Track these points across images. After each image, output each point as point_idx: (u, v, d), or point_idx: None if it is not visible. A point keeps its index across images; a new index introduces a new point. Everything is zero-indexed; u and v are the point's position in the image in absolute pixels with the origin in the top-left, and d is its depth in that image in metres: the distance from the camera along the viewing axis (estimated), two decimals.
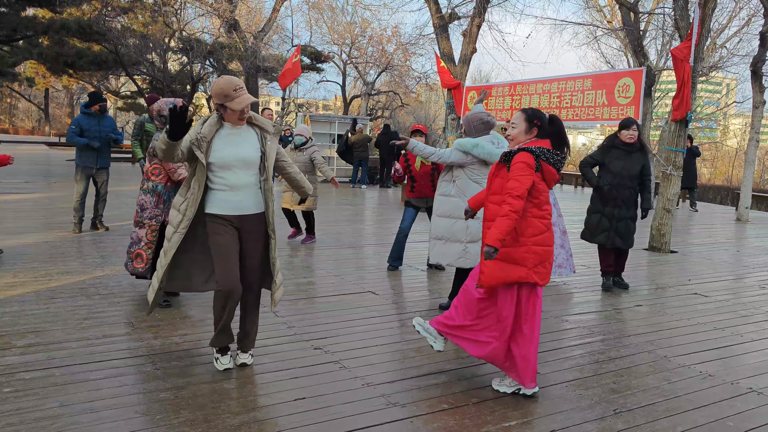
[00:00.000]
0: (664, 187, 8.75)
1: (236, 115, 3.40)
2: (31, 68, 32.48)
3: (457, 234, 4.72)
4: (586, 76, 9.63)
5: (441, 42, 13.90)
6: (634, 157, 5.91)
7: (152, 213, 4.76)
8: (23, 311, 4.47)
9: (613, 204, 5.95)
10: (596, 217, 6.07)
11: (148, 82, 25.10)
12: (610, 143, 6.02)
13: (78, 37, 20.20)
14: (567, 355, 4.16)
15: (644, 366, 4.03)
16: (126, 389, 3.27)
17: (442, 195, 4.81)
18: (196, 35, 25.12)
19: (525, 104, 10.82)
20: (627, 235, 5.99)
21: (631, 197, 5.95)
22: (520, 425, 3.09)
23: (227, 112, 3.40)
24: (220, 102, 3.38)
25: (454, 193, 4.73)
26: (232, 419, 3.00)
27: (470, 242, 4.69)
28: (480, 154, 4.59)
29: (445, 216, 4.77)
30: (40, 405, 3.04)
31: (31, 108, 52.31)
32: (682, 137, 8.56)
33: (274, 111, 13.93)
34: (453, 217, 4.73)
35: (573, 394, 3.51)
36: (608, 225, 5.99)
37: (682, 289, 6.36)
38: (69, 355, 3.68)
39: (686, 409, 3.37)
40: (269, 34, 26.98)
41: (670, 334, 4.76)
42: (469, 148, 4.60)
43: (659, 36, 19.98)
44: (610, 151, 5.98)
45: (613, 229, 5.97)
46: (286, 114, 33.91)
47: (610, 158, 5.95)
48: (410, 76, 30.98)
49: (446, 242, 4.78)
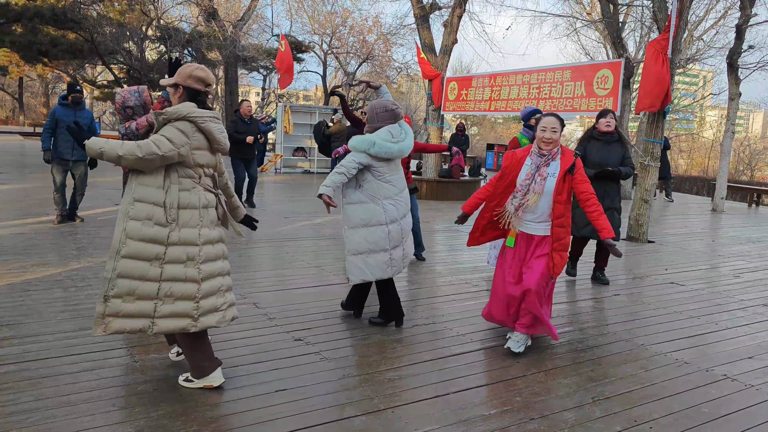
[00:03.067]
0: (641, 177, 8.85)
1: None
2: (3, 56, 31.77)
3: (379, 242, 4.15)
4: (565, 67, 9.69)
5: (422, 32, 13.87)
6: (613, 147, 5.92)
7: None
8: None
9: (597, 195, 5.91)
10: (580, 211, 5.92)
11: (125, 72, 24.70)
12: (589, 134, 6.07)
13: (52, 24, 19.81)
14: (546, 345, 4.20)
15: (622, 354, 4.08)
16: (104, 382, 3.23)
17: (350, 204, 4.19)
18: (174, 24, 24.77)
19: (504, 95, 10.87)
20: (612, 226, 5.93)
21: (613, 188, 5.92)
22: (499, 414, 3.12)
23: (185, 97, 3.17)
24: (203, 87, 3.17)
25: (365, 198, 4.15)
26: (211, 411, 2.98)
27: (393, 248, 4.21)
28: (378, 153, 4.07)
29: (361, 226, 4.16)
30: (15, 399, 2.99)
31: (4, 97, 51.17)
32: (660, 128, 8.65)
33: (253, 101, 13.79)
34: (371, 225, 4.15)
35: (552, 382, 3.55)
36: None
37: (658, 278, 6.45)
38: (45, 348, 3.63)
39: (662, 396, 3.43)
40: (249, 23, 26.69)
41: (647, 322, 4.83)
42: (366, 148, 4.07)
43: (638, 28, 20.14)
44: (590, 143, 6.02)
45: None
46: (266, 105, 33.65)
47: (590, 150, 5.97)
48: (391, 66, 30.91)
49: (368, 255, 4.18)
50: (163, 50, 24.58)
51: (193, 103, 3.14)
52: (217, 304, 3.12)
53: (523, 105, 10.29)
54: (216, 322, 3.11)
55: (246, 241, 7.19)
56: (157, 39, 24.36)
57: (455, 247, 7.63)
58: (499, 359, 3.88)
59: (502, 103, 10.89)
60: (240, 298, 4.87)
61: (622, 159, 5.93)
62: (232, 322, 3.68)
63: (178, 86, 3.16)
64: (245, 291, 5.07)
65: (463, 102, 12.42)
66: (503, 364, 3.79)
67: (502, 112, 11.06)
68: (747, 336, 4.60)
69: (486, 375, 3.62)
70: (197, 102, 3.17)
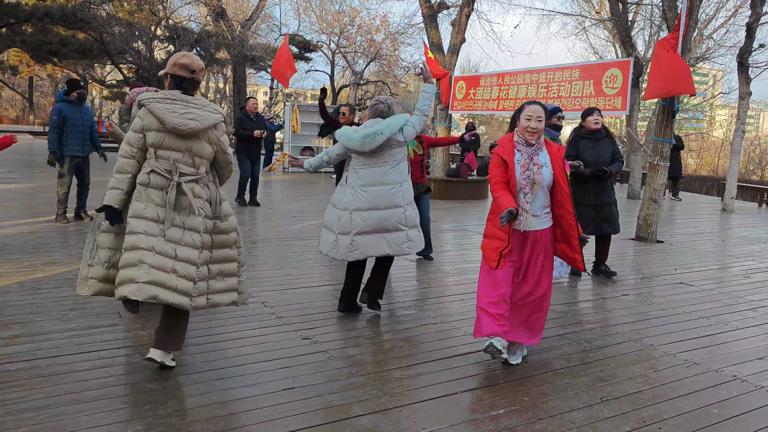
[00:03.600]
0: (650, 177, 8.80)
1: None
2: (14, 56, 32.03)
3: (332, 222, 4.44)
4: (573, 66, 9.65)
5: (430, 31, 13.85)
6: (603, 143, 5.99)
7: None
8: (7, 302, 4.43)
9: (594, 192, 6.01)
10: (579, 210, 5.99)
11: (134, 71, 24.82)
12: (577, 135, 6.11)
13: (62, 24, 19.93)
14: (554, 345, 4.19)
15: (631, 354, 4.06)
16: (113, 380, 3.25)
17: (339, 184, 4.59)
18: (182, 23, 24.86)
19: (512, 94, 10.84)
20: (612, 220, 6.06)
21: (607, 183, 6.05)
22: (507, 413, 3.11)
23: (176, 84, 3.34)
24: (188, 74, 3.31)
25: (343, 182, 4.49)
26: (220, 409, 2.99)
27: (340, 234, 4.35)
28: (342, 141, 4.39)
29: (331, 204, 4.53)
30: (25, 396, 3.01)
31: (15, 97, 51.51)
32: (669, 128, 8.60)
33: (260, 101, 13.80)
34: (336, 207, 4.45)
35: (560, 382, 3.54)
36: (593, 214, 6.03)
37: (668, 278, 6.42)
38: (54, 346, 3.65)
39: (671, 397, 3.41)
40: (257, 22, 26.75)
41: (656, 323, 4.80)
42: (337, 137, 4.44)
43: (647, 26, 20.03)
44: (579, 143, 6.03)
45: (599, 217, 6.03)
46: (275, 104, 33.70)
47: (581, 150, 5.99)
48: (399, 65, 30.86)
49: (324, 229, 4.54)
50: (171, 50, 24.66)
51: (177, 89, 3.30)
52: (132, 275, 3.12)
53: None
54: (128, 293, 3.11)
55: (253, 240, 7.20)
56: (166, 38, 24.45)
57: (463, 246, 7.62)
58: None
59: (510, 102, 10.86)
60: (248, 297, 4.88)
61: (612, 154, 6.02)
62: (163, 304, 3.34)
63: (167, 75, 3.33)
64: (253, 290, 5.08)
65: (471, 101, 12.40)
66: (511, 364, 3.78)
67: (510, 112, 11.03)
68: (757, 337, 4.57)
69: (494, 375, 3.61)
70: (181, 88, 3.31)
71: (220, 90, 42.85)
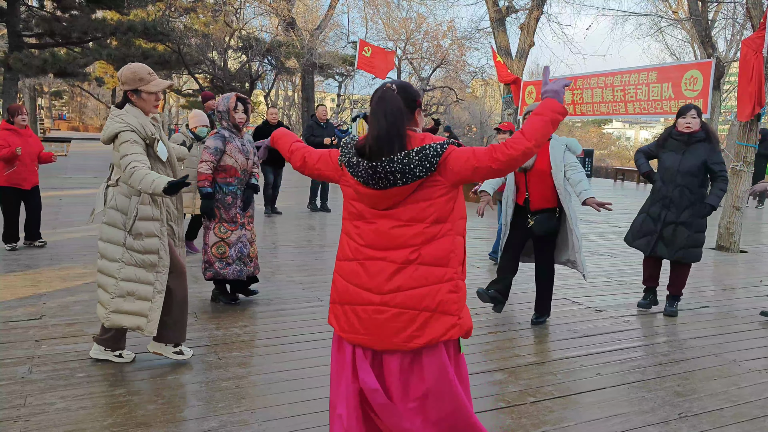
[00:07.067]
0: (733, 183, 8.36)
1: (153, 99, 3.36)
2: (100, 68, 33.89)
3: None
4: (651, 68, 9.30)
5: (498, 36, 13.71)
6: (693, 149, 4.89)
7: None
8: (94, 300, 4.68)
9: (662, 204, 4.99)
10: (641, 218, 5.15)
11: (209, 81, 25.82)
12: (666, 134, 5.15)
13: (143, 37, 20.95)
14: (628, 357, 4.04)
15: (711, 369, 3.87)
16: (188, 378, 3.38)
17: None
18: (255, 34, 25.66)
19: (587, 98, 10.54)
20: (673, 244, 4.93)
21: (683, 197, 4.88)
22: (577, 425, 3.03)
23: (140, 98, 3.33)
24: (133, 87, 3.30)
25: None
26: (288, 410, 3.05)
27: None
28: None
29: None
30: (109, 391, 3.18)
31: (99, 106, 54.55)
32: (753, 131, 8.15)
33: (328, 107, 14.00)
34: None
35: (635, 396, 3.41)
36: (652, 228, 5.03)
37: (752, 290, 6.07)
38: (136, 344, 3.83)
39: (757, 416, 3.22)
40: (325, 31, 27.29)
41: (738, 337, 4.55)
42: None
43: (729, 26, 19.08)
44: (666, 143, 5.09)
45: (658, 234, 4.99)
46: (341, 110, 34.19)
47: (664, 151, 5.08)
48: (466, 71, 30.70)
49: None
50: (244, 59, 25.50)
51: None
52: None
53: (609, 108, 9.92)
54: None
55: (321, 245, 7.33)
56: (239, 49, 25.29)
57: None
58: (576, 370, 3.77)
59: (588, 106, 10.53)
60: (315, 300, 4.97)
61: (705, 163, 4.86)
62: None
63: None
64: (319, 293, 5.17)
65: None
66: (583, 375, 3.68)
67: (588, 116, 10.73)
68: None
69: (565, 386, 3.52)
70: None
71: (288, 98, 43.91)
